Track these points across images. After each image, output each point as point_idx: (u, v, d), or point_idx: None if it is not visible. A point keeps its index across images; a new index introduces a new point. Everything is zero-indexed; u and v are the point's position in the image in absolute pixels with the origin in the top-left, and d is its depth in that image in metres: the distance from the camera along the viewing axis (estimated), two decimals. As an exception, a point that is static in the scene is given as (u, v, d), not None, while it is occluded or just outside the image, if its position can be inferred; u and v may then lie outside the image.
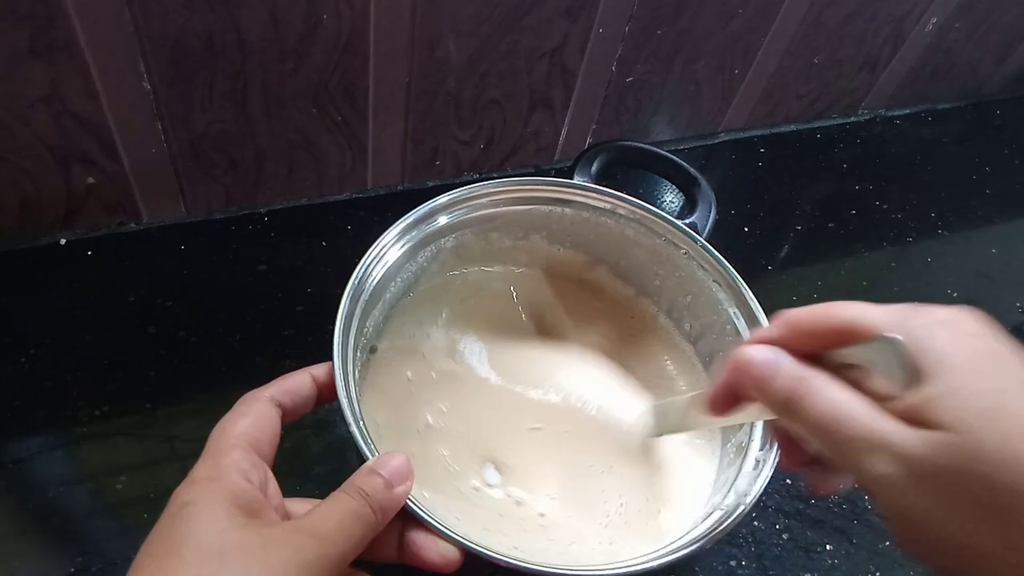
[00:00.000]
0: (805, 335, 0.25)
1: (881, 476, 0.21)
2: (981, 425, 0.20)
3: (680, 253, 0.42)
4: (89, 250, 0.48)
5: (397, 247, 0.38)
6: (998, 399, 0.20)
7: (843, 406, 0.22)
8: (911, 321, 0.22)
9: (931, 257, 0.62)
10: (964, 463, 0.20)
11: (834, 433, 0.22)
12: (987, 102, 0.80)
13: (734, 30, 0.57)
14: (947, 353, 0.21)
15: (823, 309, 0.24)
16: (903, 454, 0.21)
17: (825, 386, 0.23)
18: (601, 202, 0.43)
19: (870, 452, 0.21)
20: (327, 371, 0.31)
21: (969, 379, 0.21)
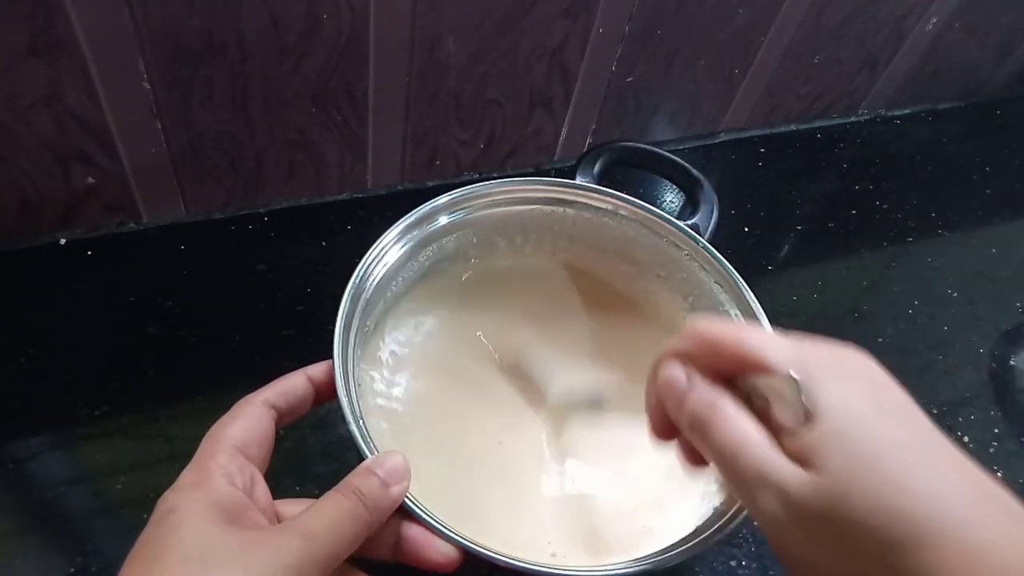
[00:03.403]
0: (714, 354, 0.25)
1: (768, 514, 0.22)
2: (854, 473, 0.21)
3: (682, 254, 0.42)
4: (89, 250, 0.48)
5: (398, 247, 0.38)
6: (875, 449, 0.21)
7: (742, 439, 0.23)
8: (811, 360, 0.23)
9: (931, 257, 0.62)
10: (833, 508, 0.21)
11: (731, 464, 0.23)
12: (987, 102, 0.80)
13: (734, 30, 0.57)
14: (838, 398, 0.22)
15: (733, 335, 0.25)
16: (786, 493, 0.22)
17: (730, 415, 0.24)
18: (603, 203, 0.43)
19: (759, 488, 0.22)
20: (324, 370, 0.31)
21: (853, 427, 0.22)
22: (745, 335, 0.25)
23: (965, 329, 0.56)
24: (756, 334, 0.25)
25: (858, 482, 0.21)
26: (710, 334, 0.25)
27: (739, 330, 0.25)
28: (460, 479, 0.37)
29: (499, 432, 0.39)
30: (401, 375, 0.39)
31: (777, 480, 0.22)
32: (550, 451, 0.39)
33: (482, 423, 0.39)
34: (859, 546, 0.20)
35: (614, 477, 0.38)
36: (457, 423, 0.39)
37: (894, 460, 0.21)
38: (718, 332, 0.25)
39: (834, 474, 0.21)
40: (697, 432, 0.25)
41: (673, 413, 0.26)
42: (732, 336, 0.25)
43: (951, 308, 0.58)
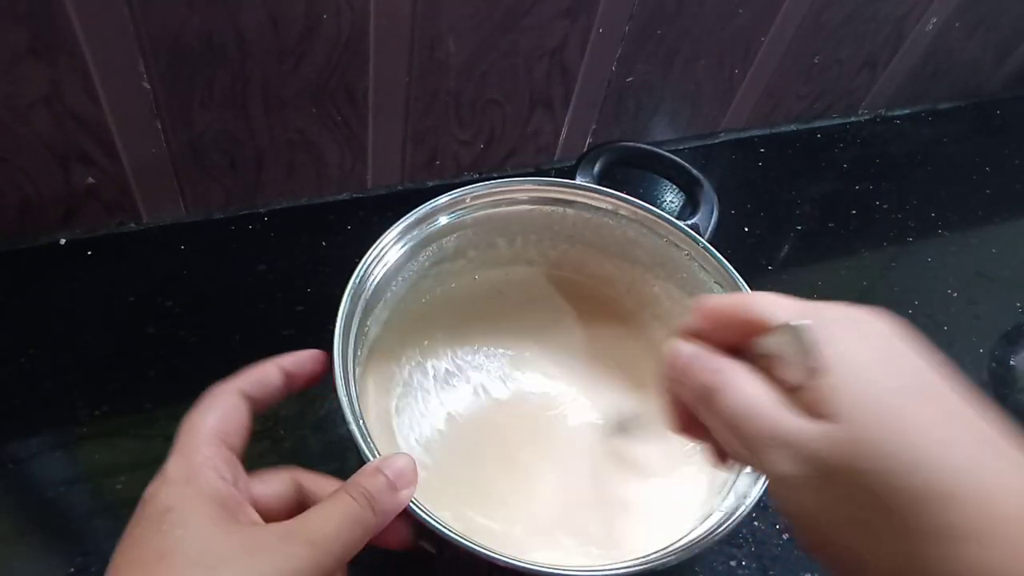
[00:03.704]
0: (722, 325, 0.25)
1: (781, 473, 0.21)
2: (868, 419, 0.20)
3: (682, 254, 0.42)
4: (89, 250, 0.48)
5: (398, 247, 0.38)
6: (890, 396, 0.20)
7: (753, 401, 0.22)
8: (820, 314, 0.22)
9: (931, 257, 0.62)
10: (848, 457, 0.20)
11: (741, 428, 0.22)
12: (987, 102, 0.80)
13: (734, 30, 0.57)
14: (849, 348, 0.21)
15: (737, 299, 0.25)
16: (798, 447, 0.21)
17: (739, 379, 0.23)
18: (603, 203, 0.43)
19: (771, 448, 0.21)
20: (295, 360, 0.30)
21: (863, 375, 0.21)
22: (751, 297, 0.24)
23: (965, 329, 0.56)
24: (760, 295, 0.24)
25: (870, 429, 0.20)
26: (714, 303, 0.25)
27: (742, 295, 0.25)
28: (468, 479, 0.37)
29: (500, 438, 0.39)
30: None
31: (788, 435, 0.21)
32: (550, 450, 0.39)
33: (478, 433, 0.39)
34: (872, 495, 0.19)
35: (615, 476, 0.38)
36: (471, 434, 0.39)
37: (904, 407, 0.20)
38: (722, 300, 0.25)
39: (845, 422, 0.20)
40: (705, 403, 0.24)
41: (681, 390, 0.25)
42: (736, 300, 0.24)
43: (951, 308, 0.58)
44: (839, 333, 0.22)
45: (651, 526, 0.36)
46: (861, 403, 0.20)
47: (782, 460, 0.21)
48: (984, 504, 0.18)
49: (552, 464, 0.38)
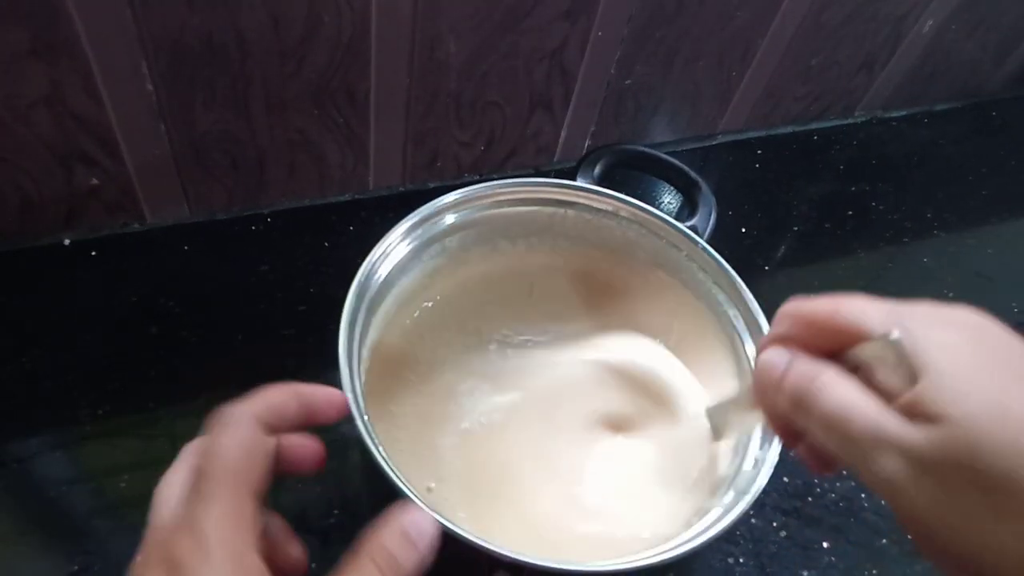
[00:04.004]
0: (814, 333, 0.25)
1: (888, 476, 0.21)
2: (976, 415, 0.20)
3: (681, 255, 0.42)
4: (92, 250, 0.48)
5: (403, 245, 0.38)
6: (995, 391, 0.20)
7: (850, 403, 0.22)
8: (910, 318, 0.22)
9: (928, 258, 0.62)
10: (961, 454, 0.20)
11: (842, 431, 0.22)
12: (985, 103, 0.81)
13: (733, 31, 0.57)
14: (944, 347, 0.21)
15: (827, 307, 0.24)
16: (906, 450, 0.21)
17: (834, 383, 0.23)
18: (603, 204, 0.43)
19: (876, 450, 0.21)
20: (316, 397, 0.28)
21: (965, 371, 0.21)
22: (839, 304, 0.24)
23: (962, 329, 0.56)
24: (850, 301, 0.24)
25: (980, 425, 0.20)
26: (803, 310, 0.25)
27: (833, 301, 0.24)
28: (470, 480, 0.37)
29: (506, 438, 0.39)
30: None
31: (895, 438, 0.21)
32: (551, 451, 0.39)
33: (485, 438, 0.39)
34: (991, 490, 0.19)
35: (615, 476, 0.38)
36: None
37: (1009, 395, 0.20)
38: (811, 306, 0.25)
39: (955, 421, 0.20)
40: (802, 409, 0.24)
41: (776, 399, 0.25)
42: (826, 307, 0.24)
43: (948, 308, 0.58)
44: (933, 333, 0.22)
45: (651, 525, 0.36)
46: (965, 401, 0.20)
47: (886, 461, 0.21)
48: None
49: (558, 460, 0.38)
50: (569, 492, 0.37)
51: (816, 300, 0.25)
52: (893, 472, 0.21)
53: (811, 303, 0.25)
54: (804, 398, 0.23)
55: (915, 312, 0.23)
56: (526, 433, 0.39)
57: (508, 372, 0.41)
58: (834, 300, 0.25)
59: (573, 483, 0.37)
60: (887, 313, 0.23)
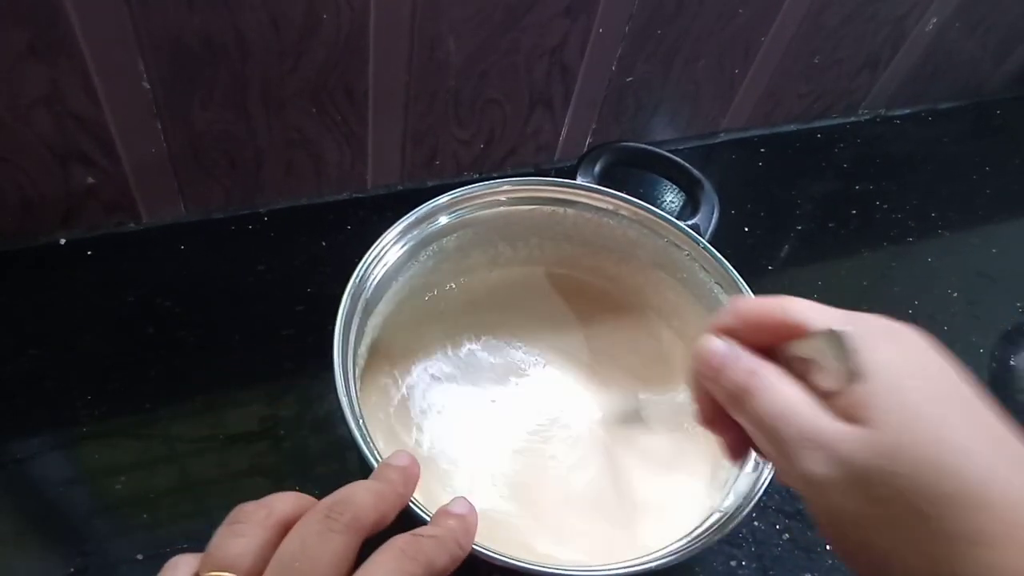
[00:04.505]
0: (756, 327, 0.25)
1: (813, 474, 0.21)
2: (906, 425, 0.20)
3: (682, 254, 0.42)
4: (89, 250, 0.47)
5: (398, 246, 0.38)
6: (928, 405, 0.21)
7: (788, 403, 0.23)
8: (857, 323, 0.23)
9: (931, 257, 0.62)
10: (887, 462, 0.20)
11: (774, 429, 0.23)
12: (987, 102, 0.80)
13: (734, 30, 0.57)
14: (887, 356, 0.22)
15: (775, 302, 0.25)
16: (835, 451, 0.21)
17: (774, 382, 0.23)
18: (604, 203, 0.43)
19: (806, 450, 0.22)
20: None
21: (906, 384, 0.21)
22: (788, 301, 0.24)
23: (965, 329, 0.56)
24: (800, 301, 0.24)
25: (907, 435, 0.20)
26: (752, 304, 0.25)
27: (781, 299, 0.25)
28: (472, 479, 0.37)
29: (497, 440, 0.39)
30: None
31: (825, 438, 0.21)
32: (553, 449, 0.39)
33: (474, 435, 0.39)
34: (906, 498, 0.20)
35: (615, 477, 0.38)
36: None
37: (943, 416, 0.21)
38: (760, 301, 0.25)
39: (884, 427, 0.20)
40: (737, 402, 0.24)
41: (712, 387, 0.25)
42: (774, 303, 0.24)
43: (951, 308, 0.58)
44: (877, 341, 0.22)
45: (651, 526, 0.36)
46: (899, 409, 0.21)
47: (817, 462, 0.21)
48: (1013, 511, 0.19)
49: (554, 463, 0.38)
50: (568, 495, 0.37)
51: (765, 298, 0.25)
52: (818, 471, 0.21)
53: (760, 299, 0.25)
54: (744, 395, 0.24)
55: (863, 318, 0.23)
56: (522, 435, 0.38)
57: (506, 373, 0.41)
58: (783, 298, 0.25)
59: (571, 485, 0.37)
60: (834, 316, 0.23)
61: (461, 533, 0.25)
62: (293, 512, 0.23)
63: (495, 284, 0.45)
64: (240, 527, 0.22)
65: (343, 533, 0.22)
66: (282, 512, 0.23)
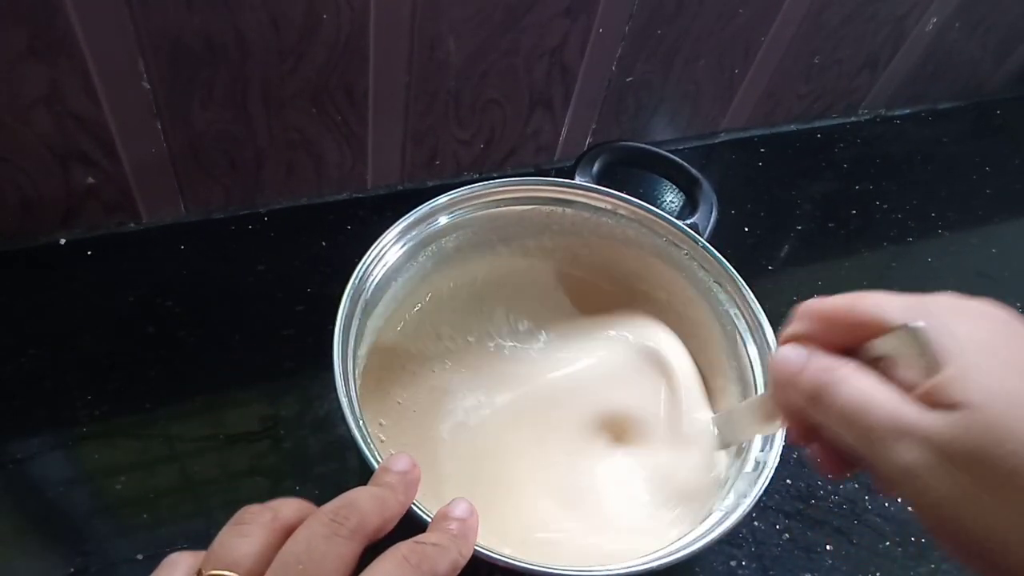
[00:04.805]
0: (830, 328, 0.24)
1: (907, 464, 0.21)
2: (1000, 400, 0.20)
3: (681, 254, 0.42)
4: (89, 250, 0.48)
5: (397, 247, 0.38)
6: (1016, 378, 0.20)
7: (867, 394, 0.22)
8: (930, 308, 0.22)
9: (931, 257, 0.62)
10: (982, 441, 0.20)
11: (860, 421, 0.22)
12: (987, 102, 0.80)
13: (734, 30, 0.57)
14: (964, 336, 0.21)
15: (845, 302, 0.24)
16: (926, 437, 0.20)
17: (851, 375, 0.23)
18: (602, 202, 0.43)
19: (895, 439, 0.21)
20: None
21: (986, 360, 0.21)
22: (857, 298, 0.24)
23: (965, 329, 0.56)
24: (869, 295, 0.24)
25: (1001, 412, 0.20)
26: (820, 306, 0.25)
27: (850, 295, 0.24)
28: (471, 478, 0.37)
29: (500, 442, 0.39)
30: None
31: (916, 426, 0.21)
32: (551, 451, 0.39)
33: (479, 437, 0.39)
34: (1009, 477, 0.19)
35: (615, 477, 0.38)
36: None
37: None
38: (828, 302, 0.25)
39: (980, 406, 0.20)
40: (820, 403, 0.23)
41: (792, 395, 0.25)
42: (843, 302, 0.24)
43: (951, 308, 0.58)
44: (953, 322, 0.22)
45: (651, 526, 0.36)
46: (987, 388, 0.20)
47: (906, 451, 0.21)
48: None
49: (554, 462, 0.38)
50: (566, 496, 0.37)
51: (832, 297, 0.25)
52: (912, 460, 0.21)
53: (826, 299, 0.25)
54: (822, 392, 0.23)
55: (937, 303, 0.23)
56: (522, 435, 0.38)
57: (504, 373, 0.41)
58: (851, 295, 0.24)
59: (569, 487, 0.37)
60: (907, 305, 0.23)
61: (462, 538, 0.25)
62: (297, 516, 0.23)
63: (495, 282, 0.45)
64: (244, 528, 0.22)
65: (348, 538, 0.22)
66: (287, 516, 0.23)
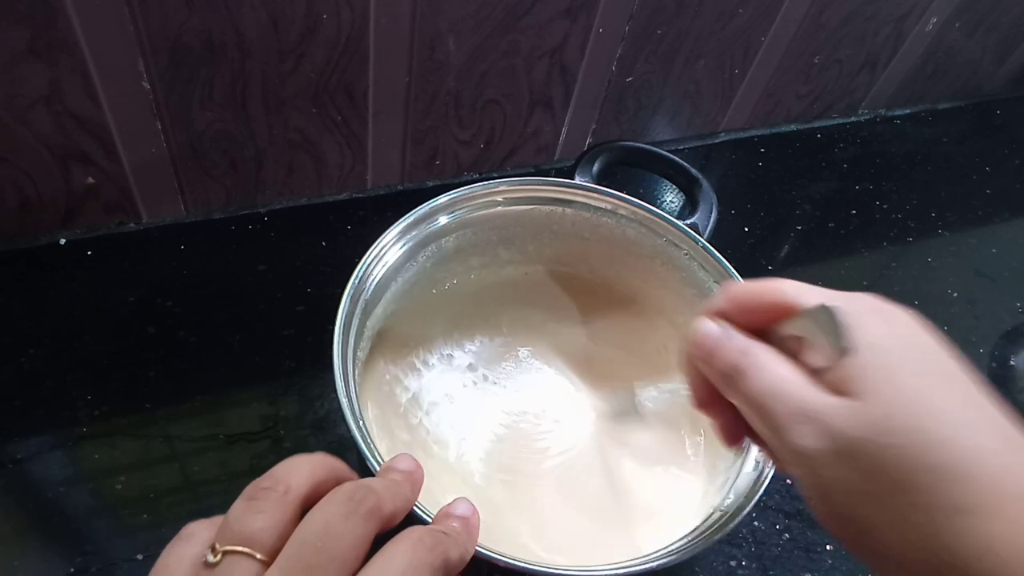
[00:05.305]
0: (749, 309, 0.25)
1: (804, 448, 0.22)
2: (895, 398, 0.21)
3: (681, 254, 0.42)
4: (89, 250, 0.48)
5: (397, 247, 0.38)
6: (916, 379, 0.21)
7: (779, 380, 0.23)
8: (851, 301, 0.23)
9: (931, 257, 0.62)
10: (874, 433, 0.20)
11: (767, 406, 0.23)
12: (987, 102, 0.80)
13: (734, 30, 0.57)
14: (876, 332, 0.22)
15: (767, 285, 0.25)
16: (826, 424, 0.21)
17: (766, 360, 0.24)
18: (602, 202, 0.43)
19: (798, 424, 0.22)
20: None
21: (893, 357, 0.22)
22: (780, 283, 0.25)
23: (965, 329, 0.56)
24: (791, 282, 0.25)
25: (897, 407, 0.20)
26: (744, 287, 0.25)
27: (774, 280, 0.25)
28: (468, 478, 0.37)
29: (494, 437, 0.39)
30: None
31: (816, 411, 0.22)
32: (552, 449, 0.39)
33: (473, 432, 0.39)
34: (894, 470, 0.20)
35: (612, 474, 0.38)
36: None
37: (932, 389, 0.21)
38: (753, 284, 0.25)
39: (874, 400, 0.21)
40: (730, 382, 0.24)
41: (705, 368, 0.26)
42: (766, 285, 0.25)
43: (951, 308, 0.58)
44: (868, 319, 0.22)
45: (650, 525, 0.36)
46: (888, 383, 0.21)
47: (807, 435, 0.22)
48: (997, 483, 0.19)
49: (554, 462, 0.38)
50: (565, 497, 0.37)
51: (757, 280, 0.25)
52: (808, 445, 0.22)
53: (751, 281, 0.26)
54: (736, 374, 0.24)
55: (857, 298, 0.24)
56: (524, 436, 0.38)
57: (505, 374, 0.41)
58: (774, 279, 0.25)
59: (568, 487, 0.37)
60: (825, 294, 0.24)
61: (466, 534, 0.25)
62: (311, 489, 0.23)
63: (494, 282, 0.45)
64: (259, 504, 0.22)
65: (365, 519, 0.22)
66: (300, 489, 0.23)
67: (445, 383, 0.40)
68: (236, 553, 0.21)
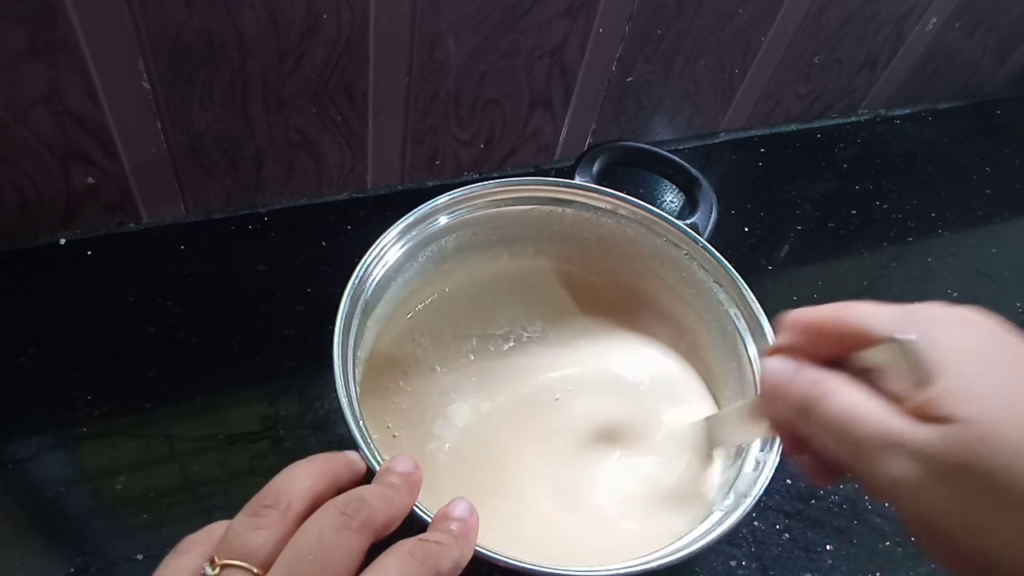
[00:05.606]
0: (818, 339, 0.24)
1: (897, 477, 0.21)
2: (992, 414, 0.20)
3: (681, 253, 0.42)
4: (89, 250, 0.48)
5: (397, 247, 0.38)
6: (1010, 392, 0.20)
7: (857, 407, 0.22)
8: (919, 319, 0.22)
9: (931, 257, 0.62)
10: (977, 454, 0.19)
11: (849, 434, 0.22)
12: (987, 102, 0.80)
13: (734, 30, 0.57)
14: (956, 348, 0.21)
15: (832, 312, 0.24)
16: (916, 451, 0.20)
17: (840, 388, 0.23)
18: (602, 202, 0.43)
19: (884, 452, 0.21)
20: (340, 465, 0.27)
21: (978, 371, 0.20)
22: (844, 309, 0.24)
23: (965, 329, 0.56)
24: (855, 305, 0.24)
25: (994, 425, 0.19)
26: (807, 317, 0.24)
27: (837, 306, 0.24)
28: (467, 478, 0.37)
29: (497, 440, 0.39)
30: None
31: (905, 439, 0.20)
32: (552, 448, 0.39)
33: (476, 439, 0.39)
34: (1002, 489, 0.19)
35: (614, 477, 0.38)
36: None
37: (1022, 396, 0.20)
38: (815, 313, 0.24)
39: (972, 421, 0.20)
40: (809, 415, 0.23)
41: (781, 408, 0.24)
42: (830, 313, 0.24)
43: (951, 308, 0.58)
44: (943, 334, 0.21)
45: (650, 525, 0.36)
46: (979, 400, 0.20)
47: (896, 464, 0.21)
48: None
49: (553, 461, 0.38)
50: (564, 497, 0.37)
51: (819, 307, 0.24)
52: (902, 474, 0.21)
53: (813, 310, 0.24)
54: (811, 404, 0.23)
55: (924, 313, 0.22)
56: (521, 436, 0.38)
57: (504, 374, 0.41)
58: (838, 305, 0.24)
59: (567, 488, 0.37)
60: (895, 316, 0.23)
61: (463, 537, 0.25)
62: (311, 504, 0.23)
63: (494, 283, 0.45)
64: (259, 520, 0.22)
65: (358, 531, 0.22)
66: (300, 504, 0.23)
67: (445, 383, 0.40)
68: (234, 567, 0.21)
